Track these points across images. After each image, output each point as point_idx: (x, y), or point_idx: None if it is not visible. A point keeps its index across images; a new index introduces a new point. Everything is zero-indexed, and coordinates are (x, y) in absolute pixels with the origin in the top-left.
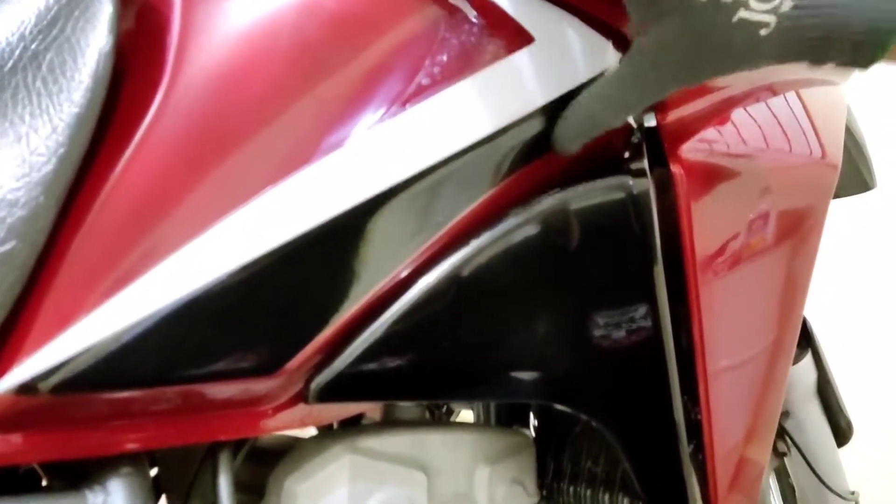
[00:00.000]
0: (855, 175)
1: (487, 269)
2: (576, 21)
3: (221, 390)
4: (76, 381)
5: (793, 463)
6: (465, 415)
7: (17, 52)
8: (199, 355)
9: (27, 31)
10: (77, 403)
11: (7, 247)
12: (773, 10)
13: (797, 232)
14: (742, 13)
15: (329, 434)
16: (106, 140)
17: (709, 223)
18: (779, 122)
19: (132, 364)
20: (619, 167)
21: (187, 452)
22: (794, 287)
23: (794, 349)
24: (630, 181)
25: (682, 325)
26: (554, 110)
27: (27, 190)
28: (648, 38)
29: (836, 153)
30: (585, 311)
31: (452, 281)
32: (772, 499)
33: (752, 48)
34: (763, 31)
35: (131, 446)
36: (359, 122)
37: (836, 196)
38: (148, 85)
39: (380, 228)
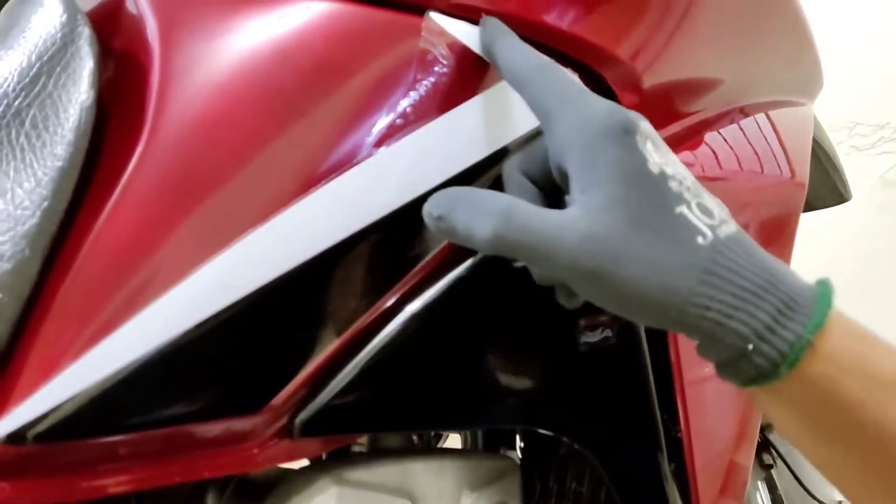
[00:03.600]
0: (831, 188)
1: (466, 298)
2: None
3: (207, 430)
4: (63, 429)
5: (779, 474)
6: (454, 438)
7: (1, 110)
8: (185, 397)
9: (10, 89)
10: (65, 450)
11: None
12: (712, 228)
13: (769, 248)
14: (683, 209)
15: (316, 465)
16: (89, 191)
17: None
18: (750, 144)
19: (118, 410)
20: None
21: (175, 490)
22: None
23: None
24: None
25: (658, 340)
26: (525, 143)
27: (13, 243)
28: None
29: (804, 172)
30: (564, 335)
31: (432, 312)
32: None
33: (688, 252)
34: (700, 240)
35: (119, 489)
36: (335, 163)
37: (814, 208)
38: (129, 136)
39: (359, 265)
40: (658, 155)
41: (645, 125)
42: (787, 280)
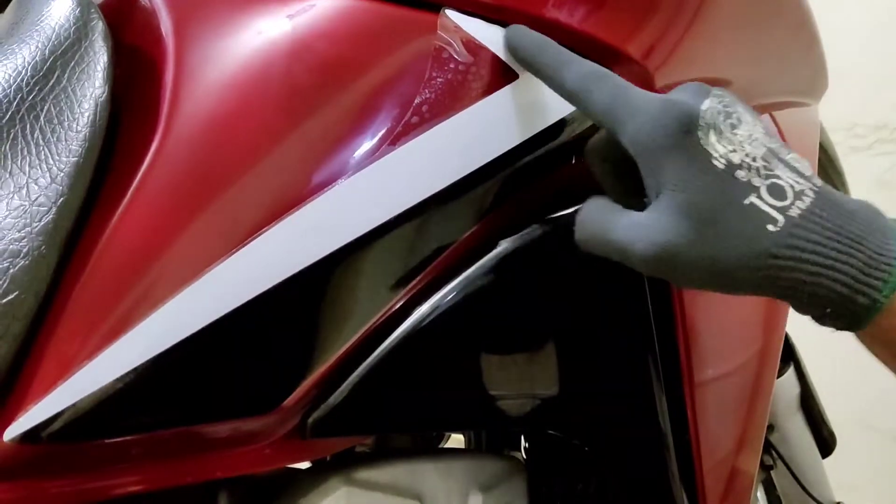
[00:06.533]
0: None
1: (477, 299)
2: None
3: (219, 430)
4: (77, 428)
5: (779, 475)
6: (457, 438)
7: (15, 104)
8: (198, 397)
9: (24, 83)
10: (78, 450)
11: (11, 297)
12: (783, 210)
13: None
14: (752, 198)
15: (324, 466)
16: (104, 188)
17: None
18: None
19: (132, 409)
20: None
21: (186, 491)
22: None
23: (778, 358)
24: None
25: (668, 342)
26: (539, 141)
27: (29, 240)
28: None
29: None
30: (574, 336)
31: (444, 312)
32: None
33: (758, 240)
34: (770, 227)
35: (131, 489)
36: (350, 162)
37: None
38: (144, 132)
39: (372, 264)
40: (722, 144)
41: (706, 108)
42: (867, 242)
